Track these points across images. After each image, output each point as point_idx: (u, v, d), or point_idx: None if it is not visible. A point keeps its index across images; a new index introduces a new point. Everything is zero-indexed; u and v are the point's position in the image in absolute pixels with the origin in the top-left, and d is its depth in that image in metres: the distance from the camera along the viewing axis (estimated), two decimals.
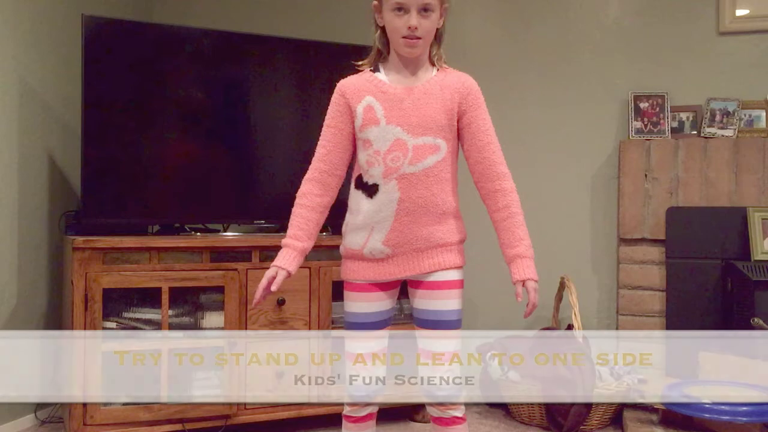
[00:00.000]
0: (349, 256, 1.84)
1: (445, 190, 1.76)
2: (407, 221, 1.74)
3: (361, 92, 1.77)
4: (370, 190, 1.76)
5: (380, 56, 1.80)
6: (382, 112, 1.74)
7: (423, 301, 1.78)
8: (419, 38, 1.70)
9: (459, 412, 1.76)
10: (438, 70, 1.79)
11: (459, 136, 1.80)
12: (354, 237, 1.80)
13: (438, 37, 1.78)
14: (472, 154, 1.78)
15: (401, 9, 1.68)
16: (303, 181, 1.84)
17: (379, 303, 1.81)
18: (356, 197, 1.81)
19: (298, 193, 1.83)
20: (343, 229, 1.86)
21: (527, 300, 1.71)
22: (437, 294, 1.77)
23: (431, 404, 1.78)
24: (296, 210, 1.82)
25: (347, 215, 1.85)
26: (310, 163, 3.14)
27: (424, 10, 1.68)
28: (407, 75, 1.77)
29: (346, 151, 1.82)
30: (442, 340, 1.75)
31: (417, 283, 1.79)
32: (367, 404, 1.84)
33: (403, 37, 1.70)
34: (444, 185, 1.76)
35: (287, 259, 1.77)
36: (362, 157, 1.78)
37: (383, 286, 1.81)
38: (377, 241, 1.76)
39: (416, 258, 1.77)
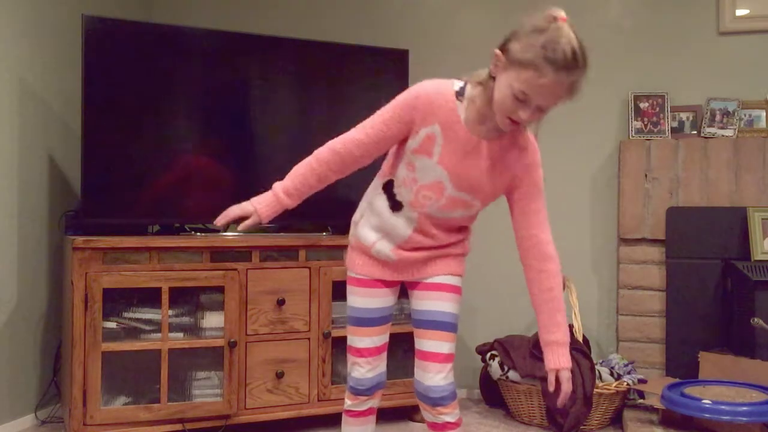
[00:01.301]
0: (357, 247, 1.84)
1: (461, 230, 1.80)
2: (418, 240, 1.76)
3: (433, 115, 1.63)
4: (395, 205, 1.75)
5: (476, 86, 1.63)
6: (439, 150, 1.64)
7: (419, 302, 1.80)
8: (520, 123, 1.58)
9: (451, 417, 1.75)
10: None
11: (509, 204, 1.74)
12: (367, 233, 1.81)
13: None
14: (521, 228, 1.72)
15: (524, 98, 1.51)
16: (328, 146, 1.72)
17: (383, 299, 1.83)
18: (380, 199, 1.78)
19: (318, 154, 1.72)
20: (357, 217, 1.85)
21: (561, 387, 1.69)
22: (434, 295, 1.78)
23: (424, 406, 1.77)
24: (305, 169, 1.73)
25: (365, 205, 1.84)
26: None
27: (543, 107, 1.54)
28: (484, 123, 1.62)
29: (383, 150, 1.74)
30: (436, 341, 1.75)
31: (414, 284, 1.81)
32: (369, 398, 1.86)
33: (507, 117, 1.55)
34: (461, 227, 1.80)
35: (269, 209, 1.73)
36: (401, 170, 1.72)
37: (387, 282, 1.83)
38: (386, 247, 1.78)
39: (419, 266, 1.80)
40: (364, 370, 1.82)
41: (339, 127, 3.19)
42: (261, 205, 1.72)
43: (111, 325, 2.54)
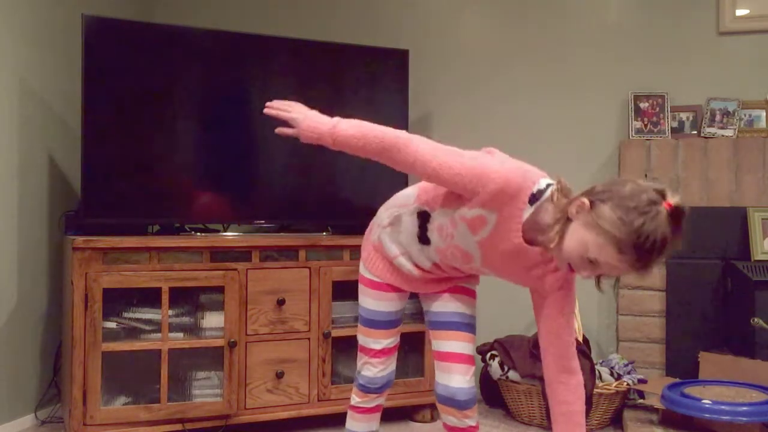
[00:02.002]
0: (380, 251, 1.81)
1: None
2: (436, 272, 1.76)
3: (497, 205, 1.50)
4: (424, 238, 1.70)
5: (553, 206, 1.47)
6: (485, 234, 1.55)
7: (439, 303, 1.79)
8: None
9: (473, 421, 1.75)
10: None
11: (533, 300, 1.68)
12: (390, 244, 1.78)
13: None
14: (545, 333, 1.66)
15: (593, 263, 1.42)
16: (396, 137, 1.55)
17: (397, 303, 1.84)
18: (411, 222, 1.72)
19: (383, 138, 1.55)
20: (384, 221, 1.79)
21: None
22: (456, 297, 1.78)
23: (449, 410, 1.74)
24: (363, 134, 1.57)
25: (394, 211, 1.77)
26: (309, 162, 3.15)
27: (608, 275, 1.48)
28: (541, 234, 1.51)
29: (429, 181, 1.62)
30: (460, 343, 1.74)
31: None
32: (378, 396, 1.88)
33: (569, 266, 1.47)
34: None
35: (311, 137, 1.63)
36: (443, 217, 1.63)
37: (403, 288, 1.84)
38: (409, 264, 1.76)
39: (438, 283, 1.80)
40: (377, 369, 1.85)
41: None
42: (308, 129, 1.63)
43: (111, 325, 2.54)
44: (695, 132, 3.13)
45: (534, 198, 1.49)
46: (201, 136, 2.93)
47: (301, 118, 1.66)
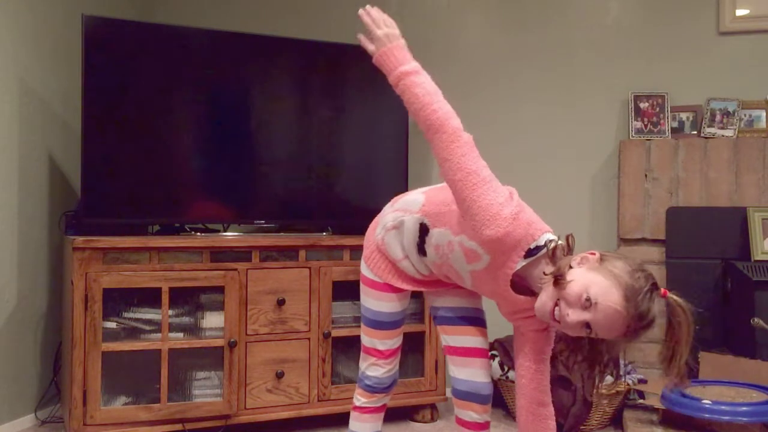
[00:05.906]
0: (383, 251, 1.78)
1: None
2: (437, 274, 1.75)
3: (493, 250, 1.50)
4: (421, 249, 1.69)
5: (549, 262, 1.48)
6: (478, 268, 1.56)
7: (451, 299, 1.77)
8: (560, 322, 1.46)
9: (489, 416, 1.76)
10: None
11: (516, 343, 1.69)
12: (395, 247, 1.75)
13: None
14: (523, 369, 1.66)
15: (588, 305, 1.41)
16: (451, 132, 1.51)
17: (400, 303, 1.82)
18: (412, 231, 1.70)
19: (441, 121, 1.53)
20: (389, 223, 1.76)
21: None
22: (464, 293, 1.76)
23: (471, 405, 1.73)
24: (420, 106, 1.56)
25: (399, 216, 1.75)
26: (309, 163, 3.15)
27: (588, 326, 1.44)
28: (530, 285, 1.54)
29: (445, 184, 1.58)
30: (479, 338, 1.75)
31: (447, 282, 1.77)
32: (386, 395, 1.88)
33: (552, 314, 1.45)
34: None
35: (382, 66, 1.65)
36: (443, 237, 1.62)
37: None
38: (412, 268, 1.75)
39: (442, 282, 1.77)
40: (384, 370, 1.83)
41: (339, 127, 3.20)
42: (382, 57, 1.64)
43: (111, 325, 2.54)
44: (695, 132, 3.13)
45: (530, 253, 1.49)
46: (201, 135, 2.93)
47: (383, 42, 1.62)
